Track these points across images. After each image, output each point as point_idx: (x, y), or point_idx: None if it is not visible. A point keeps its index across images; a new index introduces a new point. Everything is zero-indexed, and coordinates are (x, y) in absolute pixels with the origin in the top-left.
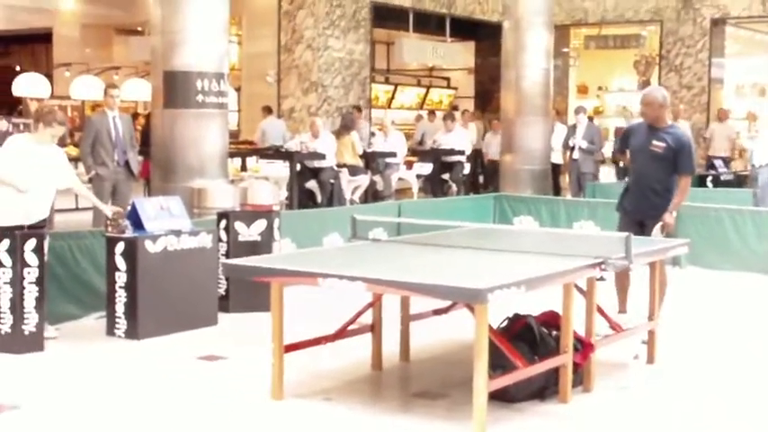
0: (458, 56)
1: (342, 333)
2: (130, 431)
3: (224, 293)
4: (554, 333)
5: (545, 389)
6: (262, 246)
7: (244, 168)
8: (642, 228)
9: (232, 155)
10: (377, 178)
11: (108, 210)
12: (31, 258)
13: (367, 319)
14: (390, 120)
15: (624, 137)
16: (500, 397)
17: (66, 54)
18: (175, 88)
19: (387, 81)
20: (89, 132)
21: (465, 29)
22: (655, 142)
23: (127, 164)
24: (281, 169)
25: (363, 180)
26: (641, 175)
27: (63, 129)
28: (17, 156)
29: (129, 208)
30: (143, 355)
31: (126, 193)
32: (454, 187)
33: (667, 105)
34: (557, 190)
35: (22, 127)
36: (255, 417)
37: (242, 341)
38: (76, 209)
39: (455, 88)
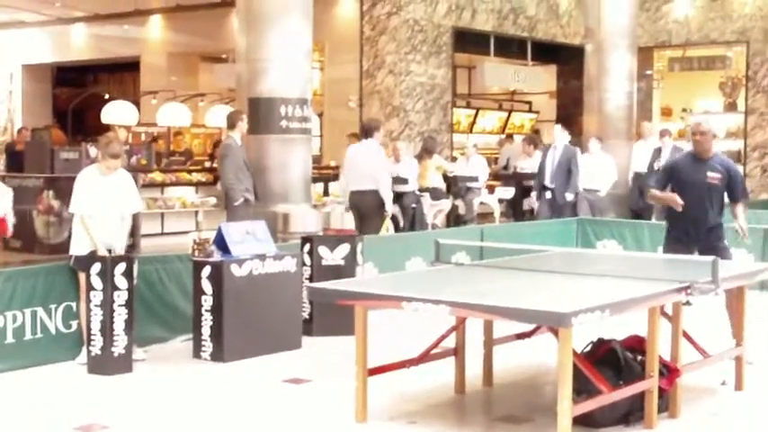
0: (539, 79)
1: (425, 357)
2: None
3: (308, 317)
4: (639, 358)
5: (630, 414)
6: (345, 270)
7: (326, 193)
8: None
9: (315, 180)
10: (458, 203)
11: (103, 249)
12: (120, 282)
13: (449, 343)
14: (473, 143)
15: (667, 172)
16: (584, 422)
17: (152, 82)
18: (260, 114)
19: (468, 105)
20: (233, 159)
21: (546, 52)
22: (710, 174)
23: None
24: None
25: (445, 204)
26: (696, 207)
27: (116, 161)
28: (84, 187)
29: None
30: (229, 378)
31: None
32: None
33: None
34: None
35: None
36: None
37: (326, 364)
38: (162, 233)
39: (537, 112)
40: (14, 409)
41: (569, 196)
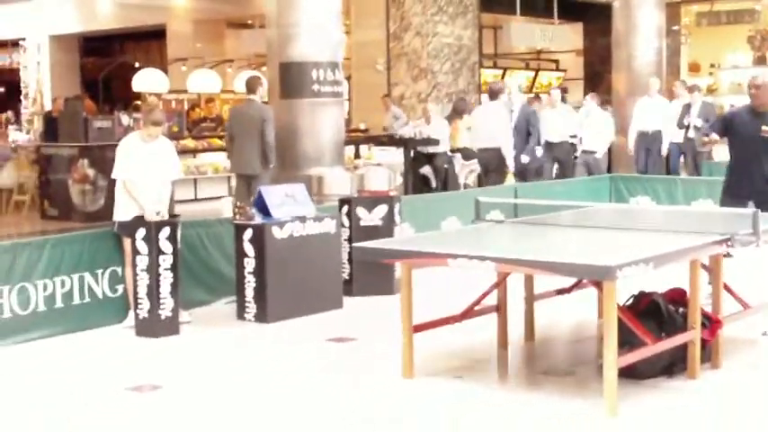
0: (566, 38)
1: (468, 313)
2: (267, 410)
3: (348, 278)
4: (681, 310)
5: (673, 365)
6: (383, 230)
7: (357, 156)
8: None
9: (346, 143)
10: None
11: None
12: (165, 246)
13: (490, 300)
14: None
15: (725, 122)
16: (628, 374)
17: (178, 49)
18: (291, 79)
19: (495, 65)
20: (272, 124)
21: (573, 10)
22: (765, 128)
23: None
24: (394, 156)
25: (476, 164)
26: (751, 161)
27: (157, 128)
28: (126, 153)
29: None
30: (274, 338)
31: None
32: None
33: None
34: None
35: (142, 122)
36: (390, 394)
37: (368, 323)
38: (195, 199)
39: (564, 70)
40: (67, 371)
41: (525, 158)
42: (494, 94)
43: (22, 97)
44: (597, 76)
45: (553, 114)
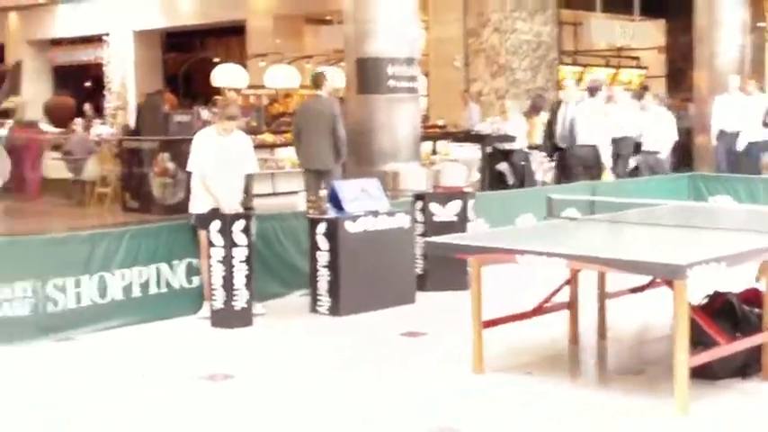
0: (647, 34)
1: (539, 310)
2: (337, 402)
3: (421, 272)
4: (756, 311)
5: (747, 367)
6: (456, 226)
7: (434, 152)
8: None
9: (423, 138)
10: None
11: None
12: (239, 238)
13: (562, 297)
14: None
15: None
16: (701, 374)
17: (258, 45)
18: (368, 74)
19: (575, 63)
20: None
21: (654, 6)
22: None
23: None
24: (471, 152)
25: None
26: None
27: (232, 123)
28: (201, 147)
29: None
30: (347, 331)
31: None
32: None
33: None
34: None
35: (217, 117)
36: (460, 389)
37: (440, 318)
38: (272, 194)
39: (645, 68)
40: (143, 359)
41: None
42: (593, 92)
43: (105, 92)
44: (679, 74)
45: (615, 110)
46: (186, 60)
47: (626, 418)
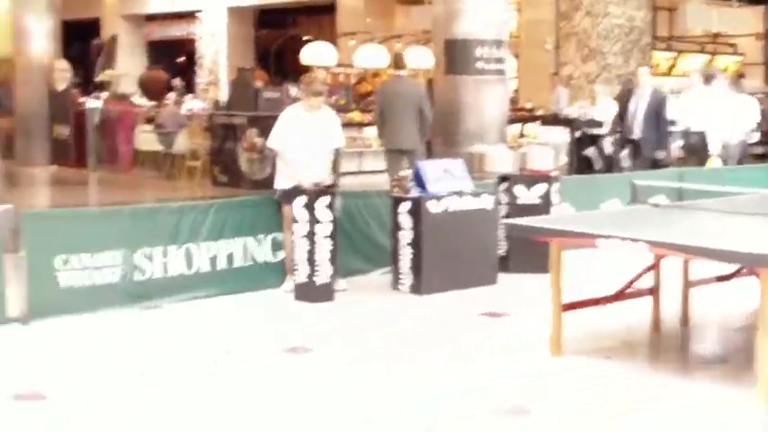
0: (745, 21)
1: (620, 295)
2: (413, 379)
3: (504, 254)
4: None
5: None
6: (541, 209)
7: (522, 135)
8: None
9: (511, 121)
10: None
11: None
12: (323, 214)
13: (643, 283)
14: (669, 88)
15: None
16: None
17: (349, 24)
18: (456, 56)
19: (668, 48)
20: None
21: None
22: None
23: None
24: (559, 136)
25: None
26: None
27: (318, 99)
28: (287, 124)
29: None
30: (428, 309)
31: None
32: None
33: None
34: None
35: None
36: (538, 370)
37: (522, 300)
38: (359, 172)
39: (742, 55)
40: (228, 329)
41: (661, 155)
42: (708, 79)
43: (196, 67)
44: None
45: (694, 100)
46: (278, 38)
47: (705, 407)
